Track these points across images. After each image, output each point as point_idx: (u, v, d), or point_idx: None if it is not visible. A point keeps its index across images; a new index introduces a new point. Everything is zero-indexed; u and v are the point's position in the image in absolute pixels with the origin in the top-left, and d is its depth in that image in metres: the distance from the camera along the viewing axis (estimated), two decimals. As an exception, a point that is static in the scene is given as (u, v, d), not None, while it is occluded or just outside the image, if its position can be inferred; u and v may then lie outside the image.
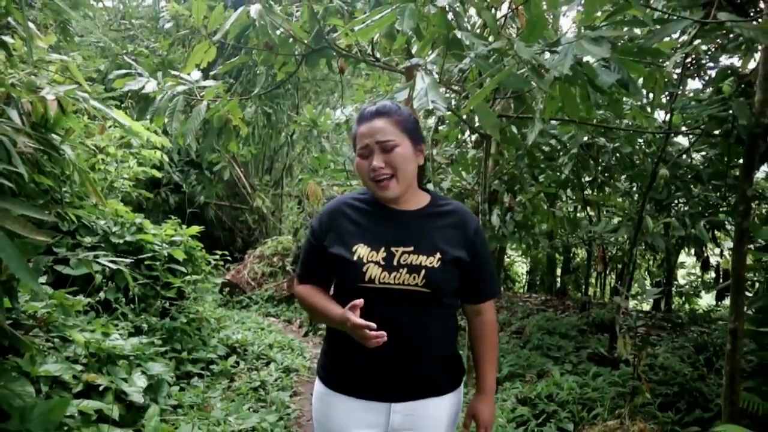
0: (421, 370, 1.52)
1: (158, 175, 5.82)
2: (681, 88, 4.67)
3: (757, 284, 4.80)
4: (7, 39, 1.33)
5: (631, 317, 4.79)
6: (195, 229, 4.90)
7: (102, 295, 3.18)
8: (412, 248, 1.48)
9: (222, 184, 12.03)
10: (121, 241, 4.06)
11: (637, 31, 3.23)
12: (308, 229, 1.59)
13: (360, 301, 1.38)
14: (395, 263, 1.46)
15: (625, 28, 2.66)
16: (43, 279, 3.11)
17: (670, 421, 3.63)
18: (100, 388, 2.42)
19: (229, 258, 6.79)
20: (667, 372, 4.76)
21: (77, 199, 3.62)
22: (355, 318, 1.36)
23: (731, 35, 3.68)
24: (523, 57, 1.93)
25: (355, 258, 1.46)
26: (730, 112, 3.44)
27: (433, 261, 1.47)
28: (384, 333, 1.35)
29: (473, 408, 1.64)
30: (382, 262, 1.46)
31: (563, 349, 6.04)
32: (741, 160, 3.39)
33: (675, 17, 2.36)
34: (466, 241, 1.55)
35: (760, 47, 3.07)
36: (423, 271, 1.46)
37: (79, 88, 1.53)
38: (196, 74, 3.59)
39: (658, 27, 2.31)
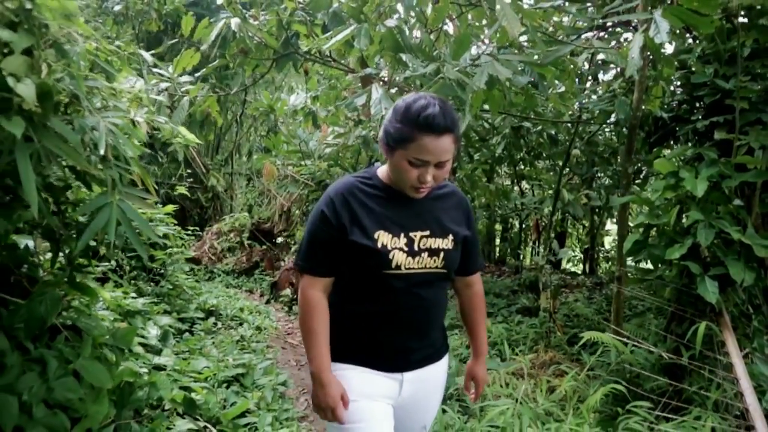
0: (431, 338, 1.62)
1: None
2: (589, 82, 5.56)
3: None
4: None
5: (549, 275, 5.71)
6: (170, 207, 5.46)
7: (113, 263, 3.76)
8: (428, 232, 1.53)
9: (174, 164, 12.33)
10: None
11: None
12: (316, 216, 1.52)
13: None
14: (416, 248, 1.50)
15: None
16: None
17: (576, 352, 4.55)
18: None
19: (200, 233, 7.31)
20: (580, 318, 5.75)
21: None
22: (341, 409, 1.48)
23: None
24: (450, 77, 2.67)
25: (380, 245, 1.46)
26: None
27: (448, 243, 1.55)
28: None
29: (472, 371, 1.78)
30: (405, 248, 1.49)
31: (497, 305, 6.98)
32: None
33: (564, 41, 3.15)
34: (466, 219, 1.65)
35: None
36: (442, 254, 1.53)
37: (150, 111, 2.16)
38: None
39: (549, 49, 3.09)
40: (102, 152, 1.43)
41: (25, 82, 1.19)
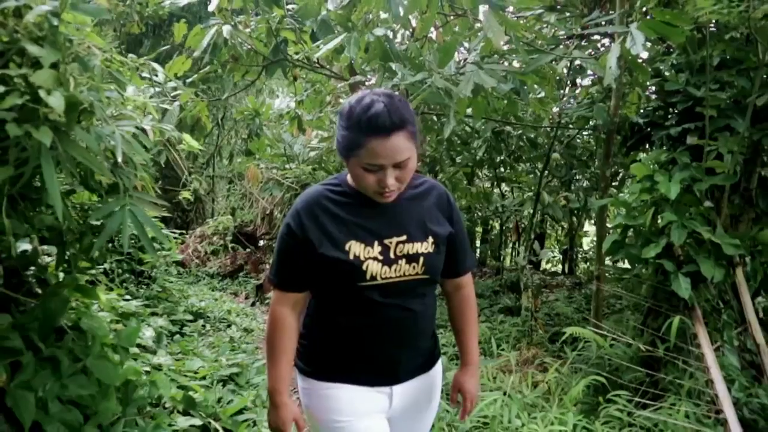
0: (421, 348, 1.54)
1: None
2: (568, 87, 5.73)
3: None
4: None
5: (530, 276, 5.88)
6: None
7: (106, 266, 3.81)
8: (405, 237, 1.43)
9: (155, 167, 12.28)
10: (99, 223, 4.64)
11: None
12: (283, 229, 1.44)
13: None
14: (392, 256, 1.41)
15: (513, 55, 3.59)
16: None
17: (556, 349, 4.72)
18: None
19: (184, 234, 7.34)
20: (560, 317, 5.93)
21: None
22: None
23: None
24: (438, 85, 2.79)
25: (351, 257, 1.37)
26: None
27: (427, 246, 1.44)
28: None
29: (459, 382, 1.66)
30: (380, 257, 1.39)
31: (479, 305, 7.14)
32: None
33: (545, 51, 3.30)
34: (449, 216, 1.53)
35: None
36: (421, 259, 1.43)
37: (155, 119, 2.24)
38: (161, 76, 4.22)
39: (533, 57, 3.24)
40: (120, 159, 1.52)
41: (54, 94, 1.27)
